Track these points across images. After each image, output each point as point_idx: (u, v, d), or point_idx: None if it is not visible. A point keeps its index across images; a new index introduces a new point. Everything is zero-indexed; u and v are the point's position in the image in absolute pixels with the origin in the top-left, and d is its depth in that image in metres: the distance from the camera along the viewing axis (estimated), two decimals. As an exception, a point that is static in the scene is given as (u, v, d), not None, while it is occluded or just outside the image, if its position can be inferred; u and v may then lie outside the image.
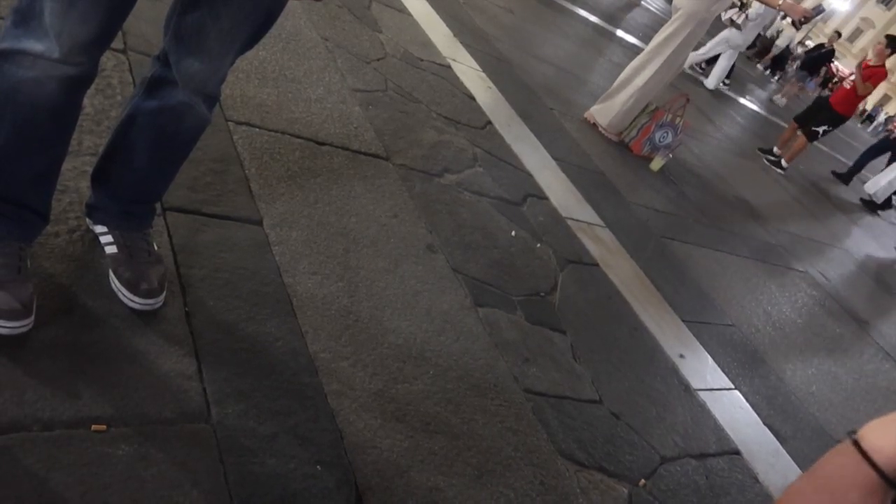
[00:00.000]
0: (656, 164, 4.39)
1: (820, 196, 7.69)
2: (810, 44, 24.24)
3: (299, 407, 1.37)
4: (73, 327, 1.25)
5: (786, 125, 8.49)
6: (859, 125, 28.47)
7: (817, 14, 8.53)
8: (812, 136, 7.34)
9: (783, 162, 7.30)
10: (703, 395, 2.36)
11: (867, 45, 63.35)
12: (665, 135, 4.44)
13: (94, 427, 1.11)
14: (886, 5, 62.45)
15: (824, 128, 7.40)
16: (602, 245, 2.90)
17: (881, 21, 62.59)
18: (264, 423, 1.30)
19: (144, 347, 1.29)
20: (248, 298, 1.52)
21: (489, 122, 3.32)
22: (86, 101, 1.21)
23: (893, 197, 8.85)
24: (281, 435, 1.30)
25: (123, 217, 1.37)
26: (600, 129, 4.39)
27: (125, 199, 1.35)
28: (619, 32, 8.48)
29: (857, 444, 0.55)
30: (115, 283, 1.33)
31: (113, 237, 1.37)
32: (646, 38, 8.81)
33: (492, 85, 3.81)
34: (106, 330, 1.28)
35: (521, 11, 6.06)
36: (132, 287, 1.32)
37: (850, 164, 10.08)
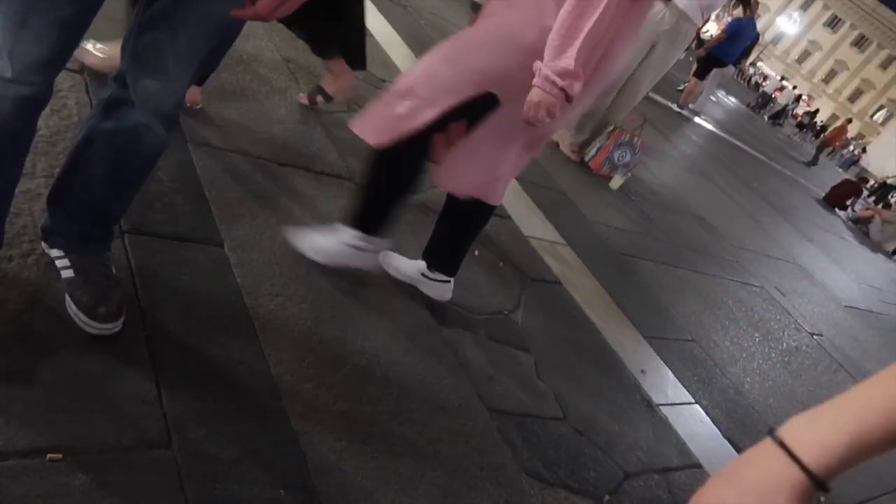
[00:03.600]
0: (616, 182, 4.47)
1: (775, 214, 7.91)
2: (761, 65, 25.99)
3: (262, 430, 1.36)
4: (29, 354, 1.22)
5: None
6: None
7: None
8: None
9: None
10: (664, 409, 2.40)
11: (815, 66, 65.87)
12: (623, 154, 4.54)
13: (49, 456, 1.09)
14: (832, 28, 65.02)
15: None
16: (564, 263, 2.94)
17: (828, 43, 65.11)
18: (226, 448, 1.28)
19: (103, 373, 1.26)
20: (209, 321, 1.51)
21: (451, 143, 3.34)
22: (41, 122, 1.19)
23: None
24: (244, 459, 1.28)
25: (80, 240, 1.35)
26: (562, 147, 4.47)
27: (82, 221, 1.33)
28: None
29: (783, 445, 0.51)
30: (72, 308, 1.31)
31: (70, 261, 1.34)
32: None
33: (454, 105, 3.84)
34: (63, 356, 1.25)
35: (481, 33, 6.13)
36: (90, 311, 1.29)
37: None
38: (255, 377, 1.46)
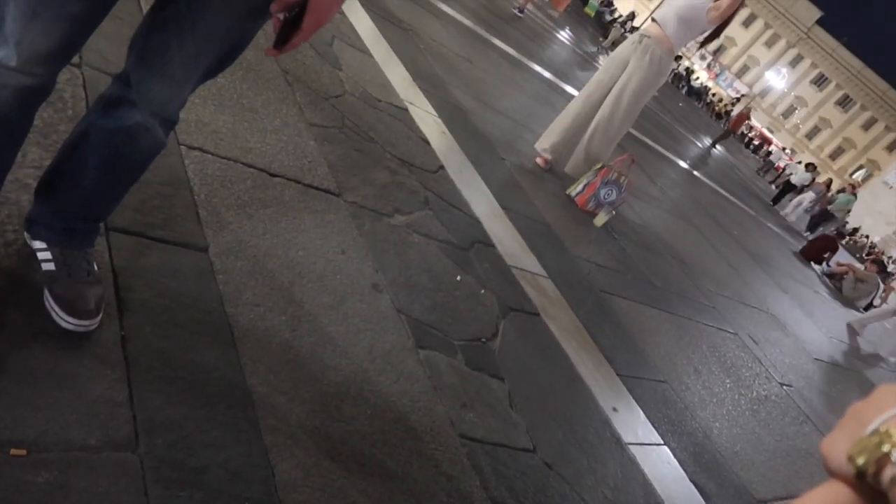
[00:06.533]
0: (600, 219, 4.52)
1: (752, 263, 8.02)
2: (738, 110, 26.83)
3: (232, 441, 1.34)
4: (0, 345, 1.20)
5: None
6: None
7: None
8: None
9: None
10: (633, 449, 2.40)
11: (800, 121, 67.42)
12: (609, 192, 4.59)
13: (13, 451, 1.06)
14: (819, 86, 66.68)
15: None
16: (544, 295, 2.95)
17: (814, 100, 66.69)
18: (194, 456, 1.27)
19: (75, 370, 1.24)
20: (187, 326, 1.49)
21: (442, 167, 3.37)
22: (34, 112, 1.18)
23: None
24: (211, 468, 1.27)
25: (65, 234, 1.33)
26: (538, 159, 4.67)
27: (69, 215, 1.32)
28: (569, 88, 8.77)
29: None
30: (50, 302, 1.29)
31: (52, 254, 1.33)
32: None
33: (446, 131, 3.88)
34: (35, 350, 1.23)
35: (479, 62, 6.22)
36: (67, 307, 1.28)
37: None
38: (229, 386, 1.44)
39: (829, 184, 20.23)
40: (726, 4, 4.13)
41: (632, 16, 26.55)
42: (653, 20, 4.51)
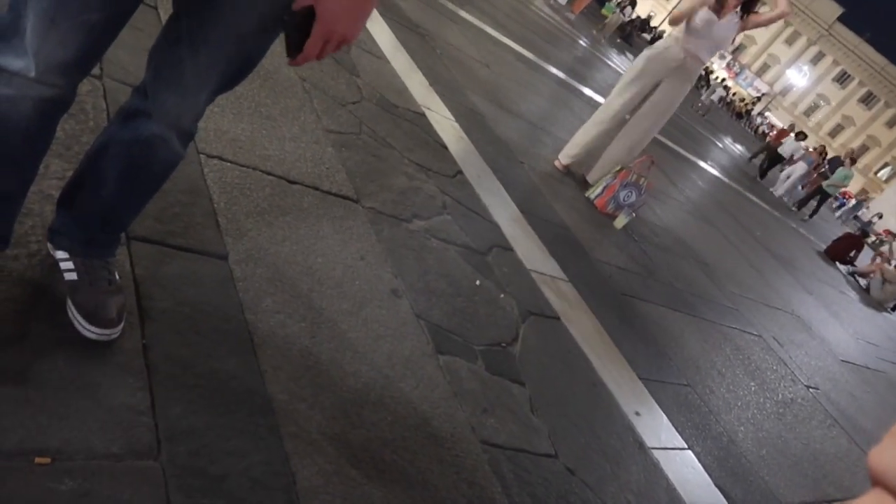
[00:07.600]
0: (620, 222, 4.49)
1: (776, 263, 7.91)
2: (769, 115, 26.09)
3: (253, 448, 1.34)
4: (24, 354, 1.21)
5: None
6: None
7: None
8: None
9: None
10: (656, 453, 2.37)
11: (823, 119, 66.61)
12: (629, 194, 4.56)
13: (37, 459, 1.07)
14: (841, 84, 65.77)
15: None
16: (564, 299, 2.93)
17: (836, 98, 65.79)
18: (215, 464, 1.27)
19: (97, 379, 1.25)
20: (208, 334, 1.50)
21: (460, 172, 3.37)
22: (56, 124, 1.19)
23: None
24: (232, 476, 1.27)
25: (87, 244, 1.35)
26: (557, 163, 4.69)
27: (90, 226, 1.33)
28: (587, 91, 8.73)
29: None
30: (72, 311, 1.30)
31: (74, 264, 1.34)
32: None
33: (464, 135, 3.88)
34: (58, 359, 1.24)
35: (496, 66, 6.21)
36: (90, 316, 1.29)
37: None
38: (250, 394, 1.45)
39: (822, 152, 17.46)
40: (766, 20, 4.23)
41: (633, 1, 26.64)
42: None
